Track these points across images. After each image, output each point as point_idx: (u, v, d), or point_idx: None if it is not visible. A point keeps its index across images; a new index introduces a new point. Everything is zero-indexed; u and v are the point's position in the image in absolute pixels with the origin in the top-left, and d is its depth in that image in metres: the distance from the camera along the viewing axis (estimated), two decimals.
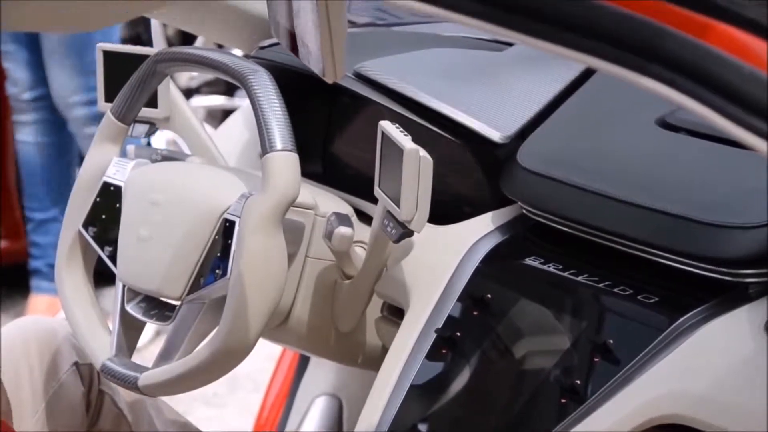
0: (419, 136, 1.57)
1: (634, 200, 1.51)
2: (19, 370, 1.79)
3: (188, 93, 4.34)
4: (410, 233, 1.57)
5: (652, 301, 1.48)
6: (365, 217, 1.78)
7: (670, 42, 0.99)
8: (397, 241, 1.59)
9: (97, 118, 3.63)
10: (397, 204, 1.55)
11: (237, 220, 1.63)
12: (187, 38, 4.18)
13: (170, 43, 4.21)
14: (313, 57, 1.32)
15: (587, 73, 1.77)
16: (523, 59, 1.80)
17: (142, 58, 1.77)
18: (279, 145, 1.59)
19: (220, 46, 3.95)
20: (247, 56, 1.93)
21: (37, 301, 3.87)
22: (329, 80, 1.31)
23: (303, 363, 2.30)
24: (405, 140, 1.54)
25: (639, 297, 1.48)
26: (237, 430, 3.30)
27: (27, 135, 3.81)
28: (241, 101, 4.26)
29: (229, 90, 4.27)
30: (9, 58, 3.74)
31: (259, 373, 3.29)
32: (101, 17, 1.12)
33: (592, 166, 1.59)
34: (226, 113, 4.28)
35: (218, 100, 4.32)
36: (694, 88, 1.00)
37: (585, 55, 1.02)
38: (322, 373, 2.26)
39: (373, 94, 1.77)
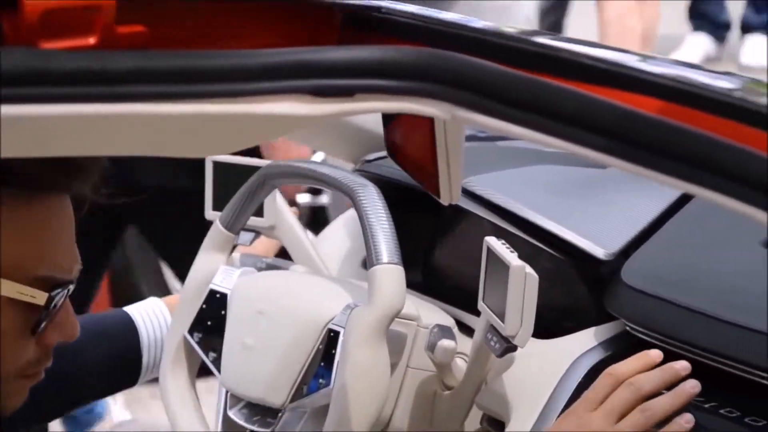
0: (523, 251, 1.59)
1: (739, 321, 1.51)
2: None
3: None
4: (514, 348, 1.58)
5: (760, 424, 1.47)
6: (465, 329, 1.80)
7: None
8: (501, 355, 1.60)
9: None
10: (502, 319, 1.57)
11: (342, 330, 1.66)
12: None
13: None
14: (427, 177, 1.35)
15: None
16: (627, 176, 1.81)
17: (252, 169, 1.82)
18: (385, 258, 1.62)
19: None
20: (354, 169, 1.97)
21: None
22: (445, 202, 1.34)
23: None
24: (511, 257, 1.56)
25: (746, 420, 1.48)
26: None
27: None
28: (329, 199, 4.30)
29: (316, 189, 4.32)
30: None
31: None
32: (225, 145, 1.13)
33: (697, 285, 1.60)
34: (313, 210, 4.32)
35: (304, 198, 4.37)
36: None
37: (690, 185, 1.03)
38: None
39: (478, 209, 1.79)
